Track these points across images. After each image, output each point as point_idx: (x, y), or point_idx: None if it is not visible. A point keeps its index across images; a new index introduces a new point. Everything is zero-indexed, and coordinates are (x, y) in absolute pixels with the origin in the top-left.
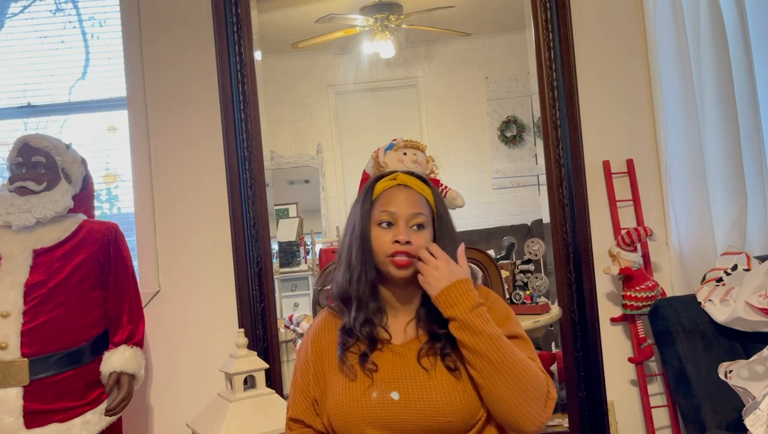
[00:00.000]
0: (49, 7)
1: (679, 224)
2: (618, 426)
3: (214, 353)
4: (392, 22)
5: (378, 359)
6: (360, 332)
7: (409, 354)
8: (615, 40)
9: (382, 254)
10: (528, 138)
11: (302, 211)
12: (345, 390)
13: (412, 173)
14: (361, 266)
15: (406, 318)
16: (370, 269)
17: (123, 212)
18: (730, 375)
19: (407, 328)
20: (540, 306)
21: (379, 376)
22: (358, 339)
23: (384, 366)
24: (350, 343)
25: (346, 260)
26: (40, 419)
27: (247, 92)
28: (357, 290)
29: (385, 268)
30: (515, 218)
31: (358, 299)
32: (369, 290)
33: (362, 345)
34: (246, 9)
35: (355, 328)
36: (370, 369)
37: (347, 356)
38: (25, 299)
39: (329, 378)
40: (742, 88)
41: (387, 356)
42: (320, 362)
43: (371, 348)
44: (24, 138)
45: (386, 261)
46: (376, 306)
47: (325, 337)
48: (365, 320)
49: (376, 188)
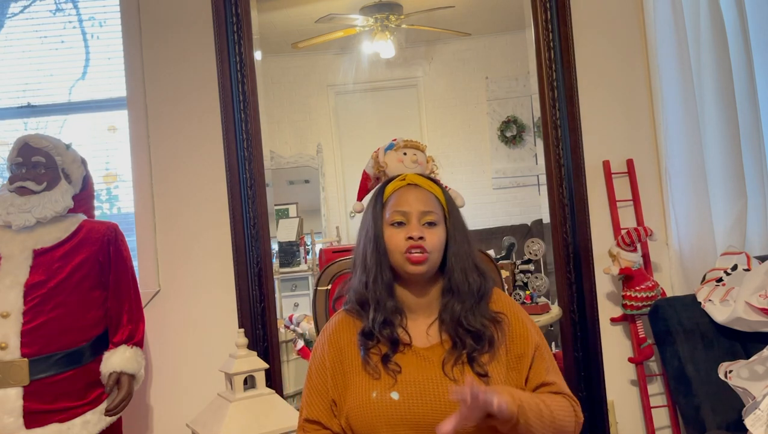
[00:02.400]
0: (49, 7)
1: (679, 224)
2: (618, 426)
3: (214, 353)
4: (392, 22)
5: (401, 361)
6: (380, 334)
7: (434, 358)
8: (615, 40)
9: (398, 253)
10: (528, 138)
11: (302, 211)
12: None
13: (421, 174)
14: (376, 268)
15: (426, 320)
16: (385, 271)
17: (123, 212)
18: (730, 375)
19: (429, 331)
20: (540, 306)
21: (403, 378)
22: (378, 341)
23: (408, 368)
24: (371, 345)
25: (362, 264)
26: (40, 419)
27: (247, 92)
28: (374, 292)
29: (401, 267)
30: (515, 218)
31: (376, 301)
32: (386, 291)
33: (383, 347)
34: (246, 9)
35: (375, 330)
36: (393, 369)
37: (370, 356)
38: (25, 299)
39: (350, 378)
40: (742, 88)
41: (411, 358)
42: (339, 362)
43: (393, 349)
44: (24, 138)
45: (402, 259)
46: (394, 306)
47: (344, 337)
48: (384, 321)
49: (386, 190)
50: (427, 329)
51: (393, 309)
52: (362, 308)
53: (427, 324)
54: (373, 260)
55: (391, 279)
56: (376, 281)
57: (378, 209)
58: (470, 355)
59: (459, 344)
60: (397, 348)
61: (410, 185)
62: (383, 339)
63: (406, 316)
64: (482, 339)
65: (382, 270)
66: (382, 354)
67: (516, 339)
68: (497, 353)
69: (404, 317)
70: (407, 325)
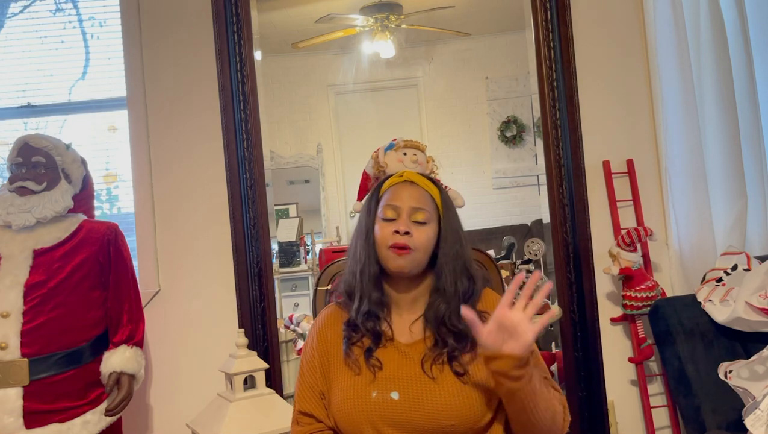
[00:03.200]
0: (49, 7)
1: (679, 224)
2: (618, 426)
3: (214, 353)
4: (392, 22)
5: (383, 356)
6: (363, 325)
7: (415, 355)
8: (615, 40)
9: (384, 247)
10: (528, 138)
11: (302, 211)
12: (349, 387)
13: (421, 173)
14: (365, 259)
15: (411, 317)
16: (372, 263)
17: (123, 212)
18: (730, 375)
19: (413, 327)
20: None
21: (383, 374)
22: (363, 334)
23: (389, 364)
24: (355, 338)
25: (352, 254)
26: (40, 419)
27: (247, 92)
28: (361, 283)
29: (386, 262)
30: (515, 218)
31: (362, 292)
32: (372, 283)
33: (367, 340)
34: (246, 9)
35: (358, 320)
36: (374, 365)
37: (352, 350)
38: (25, 299)
39: (333, 371)
40: (742, 88)
41: (392, 354)
42: (326, 355)
43: (376, 343)
44: (24, 138)
45: (387, 254)
46: (379, 298)
47: (331, 330)
48: (368, 312)
49: (384, 186)
50: (411, 325)
51: (378, 301)
52: (349, 298)
53: (411, 320)
54: (362, 252)
55: (378, 272)
56: (363, 272)
57: (373, 204)
58: (451, 354)
59: (440, 342)
60: (380, 342)
61: (406, 182)
62: (366, 332)
63: (391, 310)
64: (465, 339)
65: (370, 262)
66: (365, 347)
67: None
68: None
69: (389, 310)
70: (392, 320)
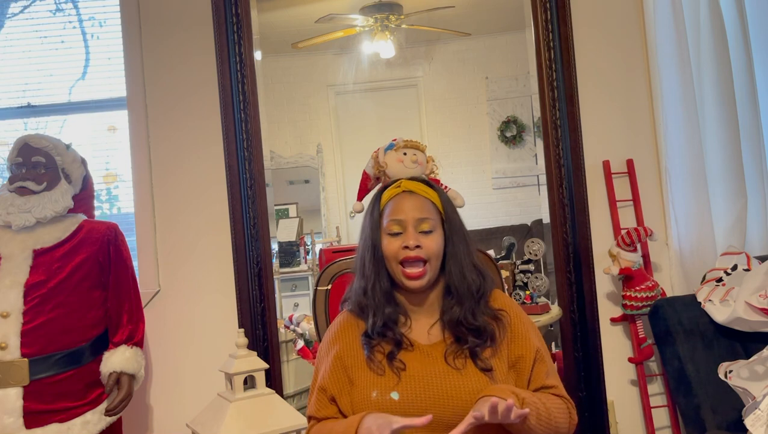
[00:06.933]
0: (49, 7)
1: (679, 224)
2: (618, 426)
3: (214, 353)
4: (392, 22)
5: (405, 358)
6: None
7: (437, 354)
8: (615, 40)
9: (394, 262)
10: (528, 138)
11: (302, 211)
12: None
13: (415, 178)
14: (374, 276)
15: (428, 320)
16: (383, 279)
17: (123, 212)
18: (730, 375)
19: (431, 331)
20: (540, 306)
21: (408, 374)
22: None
23: (412, 364)
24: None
25: (360, 270)
26: (40, 419)
27: (247, 92)
28: (372, 299)
29: (398, 278)
30: (515, 218)
31: (374, 308)
32: (384, 298)
33: (387, 346)
34: (246, 9)
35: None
36: (398, 367)
37: (374, 354)
38: (25, 300)
39: (354, 373)
40: (742, 88)
41: (415, 355)
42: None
43: (397, 348)
44: (24, 138)
45: (398, 270)
46: (393, 311)
47: (348, 335)
48: (384, 325)
49: (383, 198)
50: (429, 329)
51: (392, 315)
52: (362, 312)
53: (429, 324)
54: (371, 269)
55: (389, 287)
56: (374, 288)
57: (375, 217)
58: (473, 350)
59: (461, 340)
60: (401, 346)
61: (405, 192)
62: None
63: (408, 316)
64: (483, 334)
65: (379, 278)
66: (386, 352)
67: (517, 338)
68: (499, 348)
69: (407, 318)
70: (409, 326)
